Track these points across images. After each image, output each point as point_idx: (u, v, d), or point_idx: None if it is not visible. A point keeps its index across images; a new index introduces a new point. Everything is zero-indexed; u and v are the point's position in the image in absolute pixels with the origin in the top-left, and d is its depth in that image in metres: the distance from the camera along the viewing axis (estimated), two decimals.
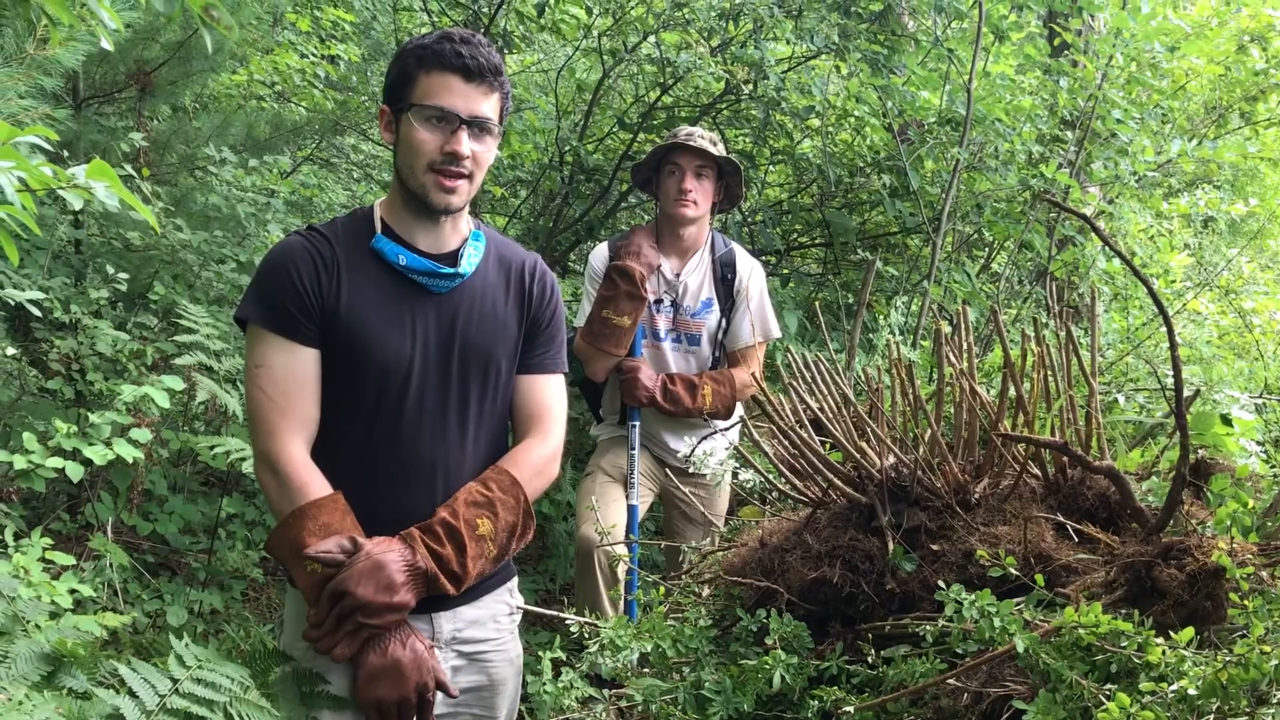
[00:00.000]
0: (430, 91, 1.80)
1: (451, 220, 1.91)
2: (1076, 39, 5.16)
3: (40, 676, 1.57)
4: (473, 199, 1.93)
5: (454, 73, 1.80)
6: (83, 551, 3.42)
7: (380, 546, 1.75)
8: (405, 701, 1.77)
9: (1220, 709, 1.39)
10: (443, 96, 1.80)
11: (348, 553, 1.73)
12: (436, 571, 1.78)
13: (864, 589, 1.95)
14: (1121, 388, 4.18)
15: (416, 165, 1.82)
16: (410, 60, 1.83)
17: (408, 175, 1.85)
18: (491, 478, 1.90)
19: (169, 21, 3.94)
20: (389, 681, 1.75)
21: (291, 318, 1.81)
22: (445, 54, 1.80)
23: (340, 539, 1.74)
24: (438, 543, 1.80)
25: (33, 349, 3.83)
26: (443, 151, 1.81)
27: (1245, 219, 7.42)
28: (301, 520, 1.75)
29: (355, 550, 1.74)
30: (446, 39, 1.81)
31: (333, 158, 6.62)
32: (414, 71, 1.82)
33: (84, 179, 1.33)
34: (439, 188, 1.83)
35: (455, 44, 1.80)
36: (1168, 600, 1.65)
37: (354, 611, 1.71)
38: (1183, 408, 1.82)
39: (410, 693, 1.76)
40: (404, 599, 1.74)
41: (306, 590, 1.76)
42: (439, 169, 1.82)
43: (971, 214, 5.05)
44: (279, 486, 1.79)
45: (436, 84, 1.80)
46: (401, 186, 1.88)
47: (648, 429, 3.51)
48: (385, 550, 1.74)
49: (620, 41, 5.04)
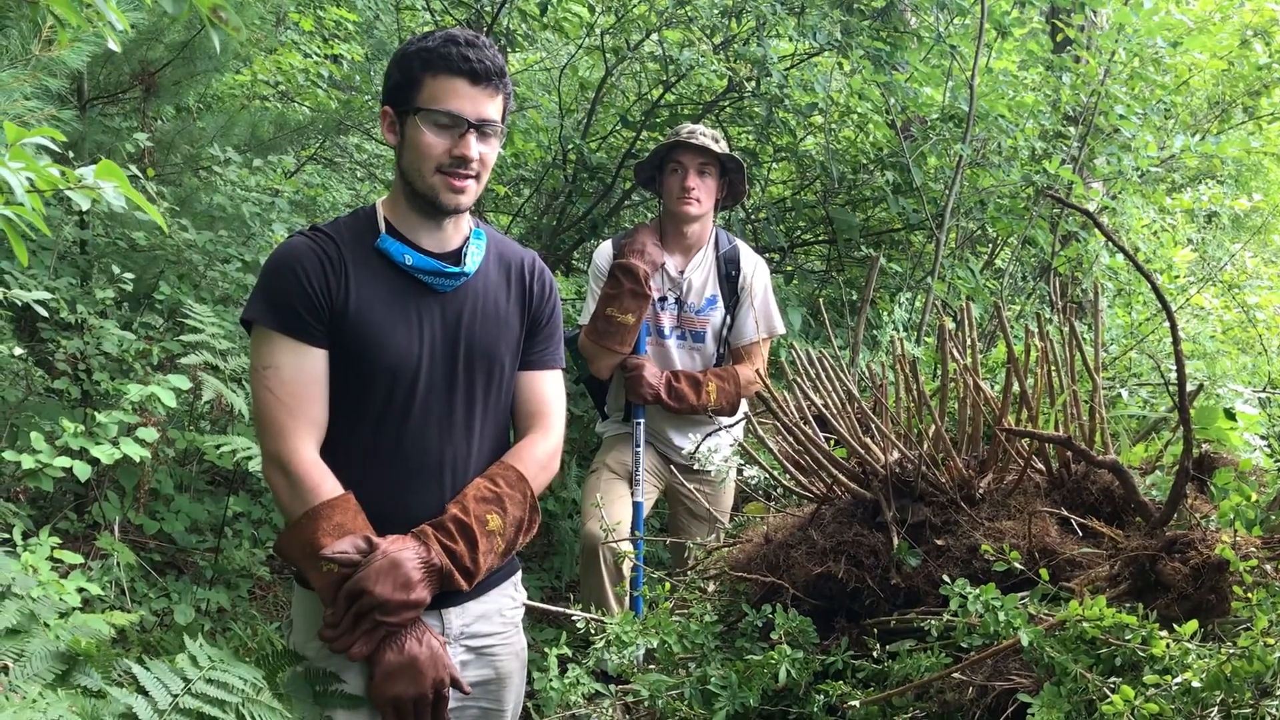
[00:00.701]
0: (437, 95, 1.80)
1: (454, 219, 1.92)
2: (1079, 34, 5.16)
3: (55, 675, 1.58)
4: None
5: (461, 76, 1.80)
6: (90, 550, 3.44)
7: (395, 545, 1.76)
8: (422, 698, 1.78)
9: (1224, 702, 1.40)
10: (450, 100, 1.80)
11: (363, 552, 1.74)
12: (451, 567, 1.79)
13: (869, 584, 1.95)
14: (1125, 383, 4.18)
15: (424, 168, 1.83)
16: (415, 63, 1.82)
17: (415, 177, 1.85)
18: (498, 473, 1.92)
19: (173, 22, 3.95)
20: (406, 678, 1.76)
21: (300, 318, 1.82)
22: (452, 58, 1.79)
23: (355, 539, 1.75)
24: (451, 539, 1.81)
25: (39, 349, 3.84)
26: (451, 155, 1.81)
27: (1249, 214, 7.42)
28: (315, 521, 1.76)
29: (371, 549, 1.75)
30: (452, 42, 1.81)
31: (336, 157, 6.63)
32: (419, 74, 1.81)
33: (92, 179, 1.34)
34: (449, 189, 1.84)
35: (461, 47, 1.80)
36: (1172, 594, 1.66)
37: (372, 610, 1.72)
38: (1186, 402, 1.83)
39: (427, 689, 1.77)
40: (420, 596, 1.75)
41: (323, 590, 1.77)
42: (447, 171, 1.82)
43: (975, 210, 5.06)
44: (290, 488, 1.80)
45: (443, 88, 1.80)
46: (407, 187, 1.88)
47: (652, 426, 3.52)
48: (401, 548, 1.75)
49: (623, 39, 5.05)
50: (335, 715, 1.81)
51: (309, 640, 1.85)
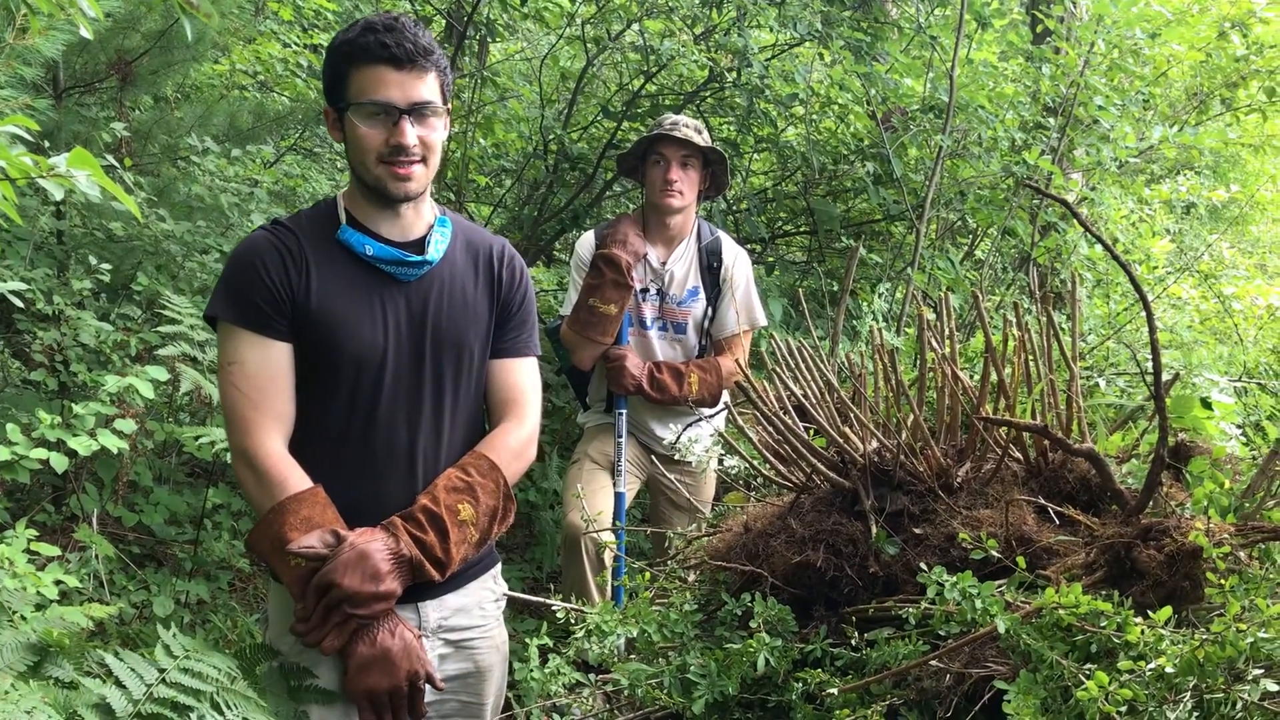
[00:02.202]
0: (365, 88, 1.79)
1: (414, 207, 1.92)
2: (1059, 25, 5.17)
3: (27, 666, 1.57)
4: (458, 188, 1.93)
5: (383, 64, 1.79)
6: (68, 543, 3.42)
7: (364, 537, 1.75)
8: (397, 690, 1.77)
9: (1197, 687, 1.41)
10: (377, 90, 1.79)
11: (331, 546, 1.74)
12: (421, 558, 1.79)
13: (847, 572, 1.96)
14: (1103, 372, 4.21)
15: (367, 160, 1.83)
16: (339, 57, 1.82)
17: (361, 171, 1.85)
18: (470, 463, 1.91)
19: (150, 10, 3.91)
20: (379, 671, 1.75)
21: (262, 313, 1.81)
22: (370, 46, 1.78)
23: (323, 533, 1.75)
24: (420, 530, 1.80)
25: (15, 341, 3.81)
26: (389, 144, 1.81)
27: (1227, 205, 7.48)
28: (282, 515, 1.75)
29: (338, 542, 1.74)
30: (370, 30, 1.79)
31: (316, 147, 6.58)
32: (345, 69, 1.81)
33: (65, 168, 1.33)
34: (394, 177, 1.83)
35: (380, 34, 1.78)
36: (1147, 580, 1.67)
37: (341, 603, 1.71)
38: (1161, 390, 1.84)
39: (401, 681, 1.77)
40: (390, 587, 1.75)
41: (291, 585, 1.76)
42: (389, 161, 1.82)
43: (955, 201, 5.08)
44: (258, 483, 1.79)
45: (369, 78, 1.79)
46: (359, 180, 1.88)
47: (634, 417, 3.52)
48: (369, 540, 1.75)
49: (604, 29, 5.03)
50: (310, 710, 1.80)
51: (284, 635, 1.85)
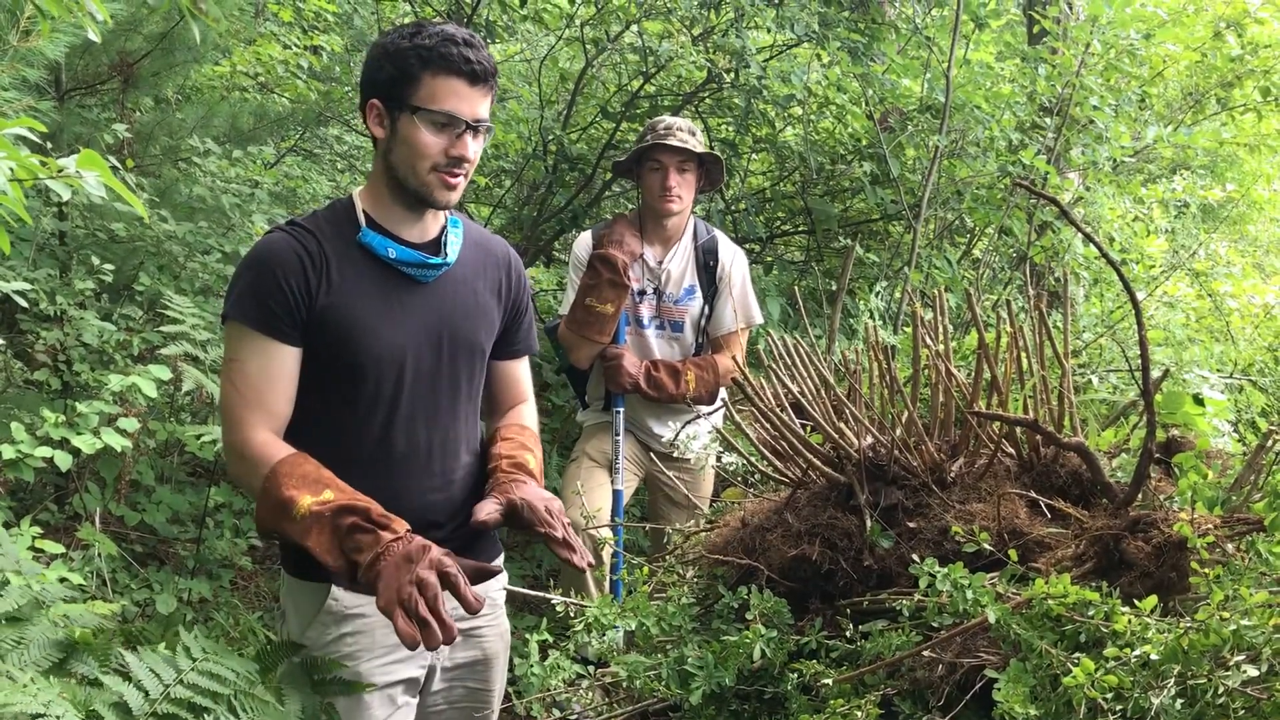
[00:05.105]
0: (437, 95, 1.79)
1: (433, 209, 1.94)
2: (1055, 26, 5.21)
3: (52, 662, 1.58)
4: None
5: (460, 77, 1.79)
6: (71, 541, 3.44)
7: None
8: (424, 583, 1.60)
9: (1181, 674, 1.44)
10: (450, 101, 1.79)
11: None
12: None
13: (843, 566, 1.99)
14: (1096, 369, 4.24)
15: (420, 166, 1.82)
16: (413, 59, 1.79)
17: (408, 174, 1.83)
18: (513, 434, 2.04)
19: (152, 13, 3.94)
20: (400, 573, 1.61)
21: (274, 316, 1.80)
22: (453, 58, 1.78)
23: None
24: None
25: (18, 341, 3.84)
26: (448, 155, 1.81)
27: (1224, 204, 7.51)
28: (277, 479, 1.71)
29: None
30: (451, 41, 1.79)
31: (316, 148, 6.62)
32: (418, 72, 1.79)
33: (74, 169, 1.35)
34: (444, 186, 1.84)
35: (461, 47, 1.78)
36: (1135, 571, 1.70)
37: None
38: (1149, 385, 1.87)
39: (426, 570, 1.61)
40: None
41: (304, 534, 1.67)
42: (443, 170, 1.82)
43: (952, 200, 5.10)
44: (249, 469, 1.76)
45: (443, 87, 1.79)
46: (394, 181, 1.86)
47: (632, 415, 3.55)
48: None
49: (603, 31, 5.06)
50: (335, 703, 1.82)
51: (305, 629, 1.86)
